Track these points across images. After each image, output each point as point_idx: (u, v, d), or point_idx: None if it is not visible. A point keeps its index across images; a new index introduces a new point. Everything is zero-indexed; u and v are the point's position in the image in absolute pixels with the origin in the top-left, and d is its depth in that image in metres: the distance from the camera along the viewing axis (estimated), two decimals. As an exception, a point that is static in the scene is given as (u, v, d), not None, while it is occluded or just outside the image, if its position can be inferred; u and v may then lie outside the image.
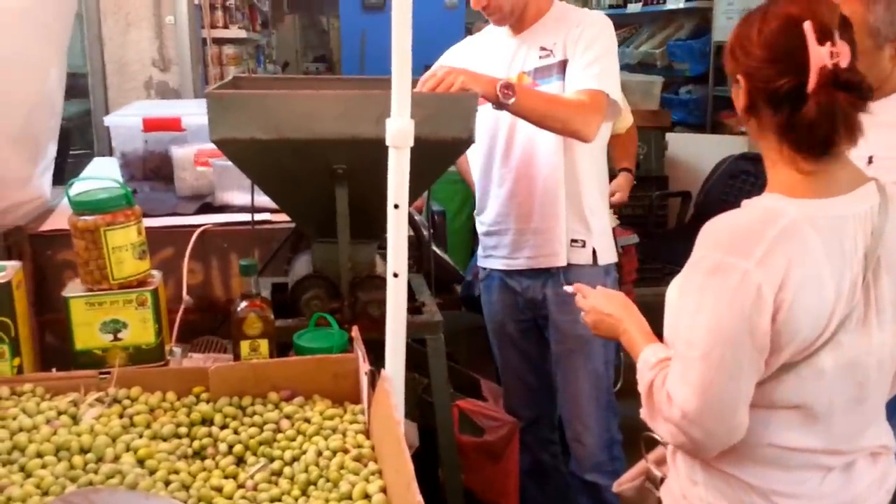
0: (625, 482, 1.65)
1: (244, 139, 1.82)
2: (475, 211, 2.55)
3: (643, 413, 1.45)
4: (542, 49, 2.30)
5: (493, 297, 2.54)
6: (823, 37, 1.29)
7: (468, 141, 1.87)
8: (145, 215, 2.57)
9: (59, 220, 2.55)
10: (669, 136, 5.94)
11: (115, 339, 1.62)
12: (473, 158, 2.50)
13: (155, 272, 1.73)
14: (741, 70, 1.37)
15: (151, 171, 2.95)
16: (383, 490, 1.34)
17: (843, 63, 1.29)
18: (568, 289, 1.77)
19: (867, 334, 1.36)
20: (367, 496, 1.34)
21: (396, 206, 1.51)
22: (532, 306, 2.44)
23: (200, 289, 2.50)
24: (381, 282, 2.07)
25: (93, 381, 1.59)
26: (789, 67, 1.30)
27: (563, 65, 2.27)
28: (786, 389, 1.35)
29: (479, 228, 2.54)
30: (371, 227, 2.08)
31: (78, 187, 1.66)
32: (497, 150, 2.38)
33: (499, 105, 2.08)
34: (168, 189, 2.85)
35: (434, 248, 2.69)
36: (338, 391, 1.63)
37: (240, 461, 1.50)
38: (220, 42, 5.03)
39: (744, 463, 1.40)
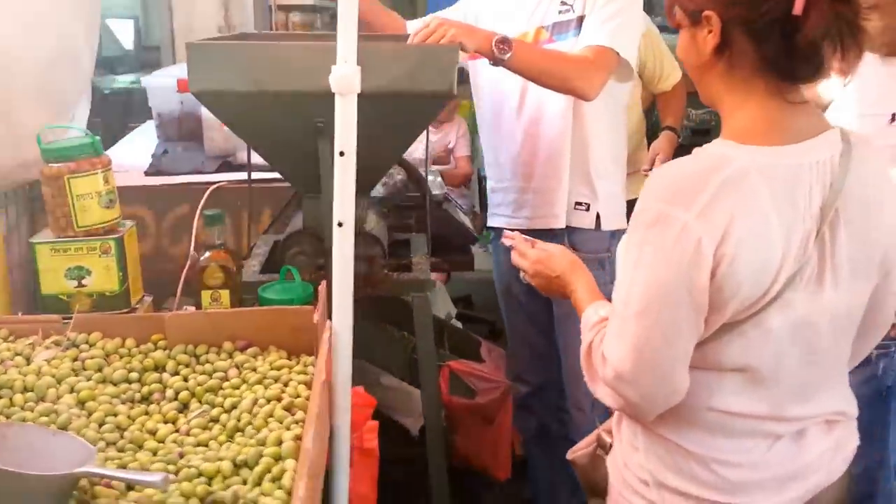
0: (578, 449, 1.58)
1: (223, 91, 1.81)
2: (484, 168, 2.49)
3: (585, 376, 1.37)
4: (563, 3, 2.22)
5: (501, 258, 2.48)
6: None
7: (448, 94, 1.81)
8: (168, 173, 2.69)
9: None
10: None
11: (80, 285, 1.66)
12: (483, 113, 2.44)
13: (127, 221, 1.75)
14: (711, 3, 1.23)
15: (187, 131, 3.00)
16: (298, 438, 1.33)
17: None
18: (506, 241, 1.70)
19: (819, 293, 1.25)
20: (280, 443, 1.32)
21: (342, 154, 1.47)
22: None
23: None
24: (368, 238, 2.06)
25: (55, 326, 1.63)
26: None
27: (580, 21, 2.18)
28: (729, 350, 1.26)
29: (487, 185, 2.49)
30: (362, 182, 2.05)
31: (50, 135, 1.70)
32: (507, 107, 2.32)
33: (495, 61, 2.01)
34: (200, 149, 2.90)
35: (448, 209, 2.66)
36: (296, 343, 1.62)
37: (184, 407, 1.51)
38: (286, 9, 5.06)
39: (684, 428, 1.31)
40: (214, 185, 2.47)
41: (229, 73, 1.79)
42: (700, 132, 5.38)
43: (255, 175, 2.46)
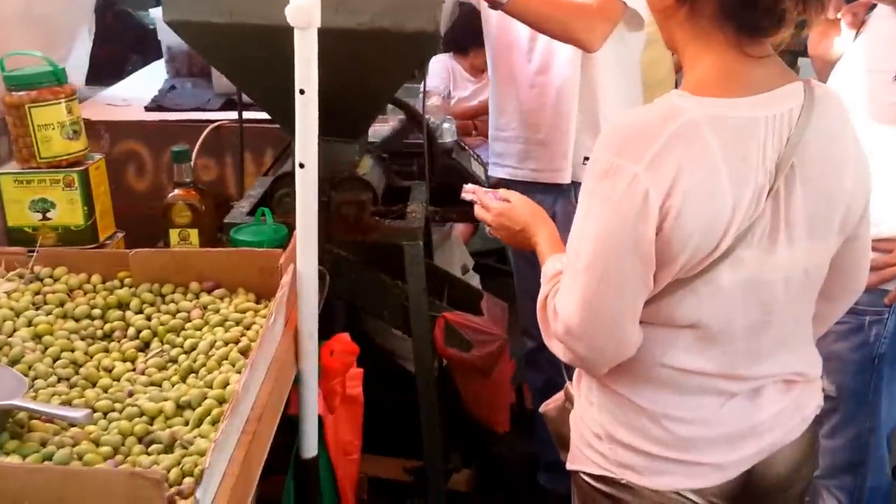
0: (550, 403, 1.53)
1: (197, 22, 1.73)
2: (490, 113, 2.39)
3: (541, 330, 1.32)
4: None
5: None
6: None
7: (434, 35, 1.71)
8: (169, 109, 2.63)
9: (88, 111, 2.58)
10: (802, 62, 5.39)
11: (45, 218, 1.61)
12: (492, 58, 2.32)
13: (97, 155, 1.70)
14: None
15: (198, 68, 2.94)
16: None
17: None
18: (466, 195, 1.62)
19: (773, 251, 1.19)
20: (225, 386, 1.28)
21: (302, 92, 1.39)
22: None
23: (214, 185, 2.48)
24: (360, 183, 1.98)
25: (19, 258, 1.59)
26: None
27: None
28: (680, 306, 1.21)
29: (490, 133, 2.39)
30: (351, 125, 1.98)
31: (12, 62, 1.64)
32: (516, 52, 2.21)
33: (492, 3, 1.90)
34: (209, 86, 2.84)
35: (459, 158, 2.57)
36: (264, 286, 1.56)
37: (146, 346, 1.48)
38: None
39: (637, 384, 1.28)
40: (214, 124, 2.42)
41: (204, 3, 1.71)
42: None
43: (257, 115, 2.39)
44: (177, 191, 1.65)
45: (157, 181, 2.52)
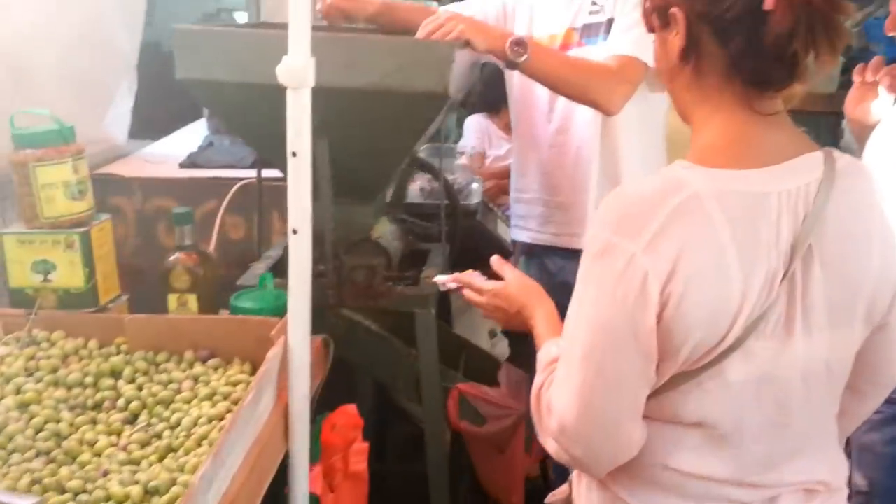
0: (556, 494, 1.42)
1: (210, 81, 1.72)
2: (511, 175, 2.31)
3: (535, 424, 1.21)
4: (594, 3, 2.03)
5: (531, 275, 2.29)
6: None
7: (443, 95, 1.66)
8: (203, 166, 2.63)
9: (123, 167, 2.61)
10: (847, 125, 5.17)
11: (46, 279, 1.59)
12: (514, 117, 2.26)
13: (104, 215, 1.68)
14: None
15: (238, 125, 2.95)
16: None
17: None
18: (441, 285, 1.56)
19: (789, 342, 1.07)
20: (195, 470, 1.22)
21: (294, 154, 1.35)
22: (565, 290, 2.17)
23: (242, 243, 2.46)
24: (373, 247, 1.93)
25: (19, 321, 1.58)
26: None
27: (610, 23, 2.00)
28: (685, 402, 1.09)
29: (511, 194, 2.31)
30: (364, 187, 1.94)
31: (22, 120, 1.63)
32: (536, 112, 2.14)
33: (508, 63, 1.85)
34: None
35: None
36: (261, 356, 1.50)
37: (134, 418, 1.44)
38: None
39: (637, 487, 1.15)
40: (242, 182, 2.40)
41: (216, 62, 1.70)
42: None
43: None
44: (177, 254, 1.61)
45: (186, 237, 2.51)
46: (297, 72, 1.32)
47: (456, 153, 3.29)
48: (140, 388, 1.48)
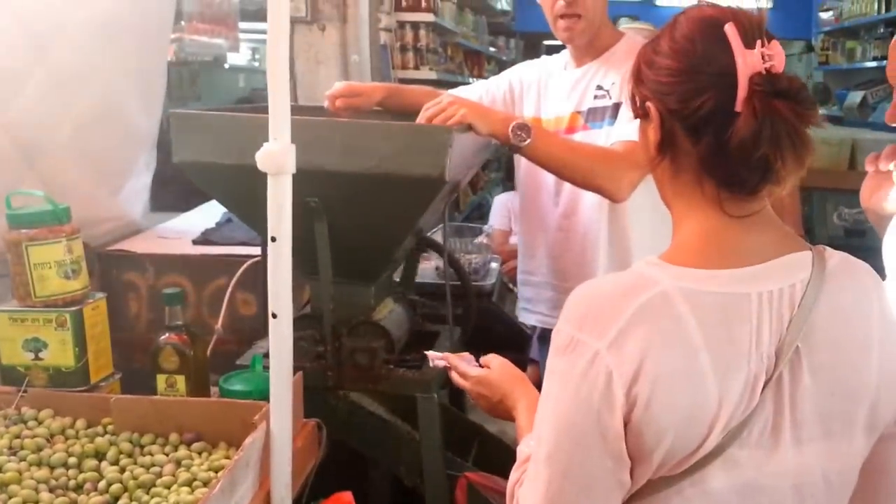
0: None
1: (207, 163, 1.75)
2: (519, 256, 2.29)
3: None
4: (599, 88, 2.04)
5: (545, 359, 2.26)
6: (750, 39, 1.01)
7: (440, 180, 1.67)
8: (216, 243, 2.67)
9: (138, 243, 2.66)
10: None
11: (37, 358, 1.61)
12: (521, 198, 2.26)
13: (99, 294, 1.70)
14: (649, 92, 1.08)
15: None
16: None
17: (779, 67, 1.01)
18: (433, 361, 1.53)
19: (776, 451, 1.02)
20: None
21: (274, 240, 1.35)
22: None
23: (252, 319, 2.47)
24: (374, 329, 1.92)
25: (9, 398, 1.59)
26: (710, 79, 1.01)
27: (616, 108, 2.00)
28: None
29: (519, 277, 2.30)
30: (366, 268, 1.94)
31: (17, 201, 1.68)
32: (543, 194, 2.14)
33: (511, 148, 1.85)
34: (264, 221, 2.88)
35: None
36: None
37: (115, 501, 1.43)
38: (406, 82, 5.08)
39: None
40: (252, 260, 2.42)
41: (213, 145, 1.74)
42: (855, 233, 4.88)
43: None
44: (167, 334, 1.62)
45: (198, 314, 2.54)
46: (277, 158, 1.34)
47: (482, 232, 3.31)
48: (123, 471, 1.48)
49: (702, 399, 0.98)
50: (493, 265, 2.76)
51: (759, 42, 1.01)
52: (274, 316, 1.37)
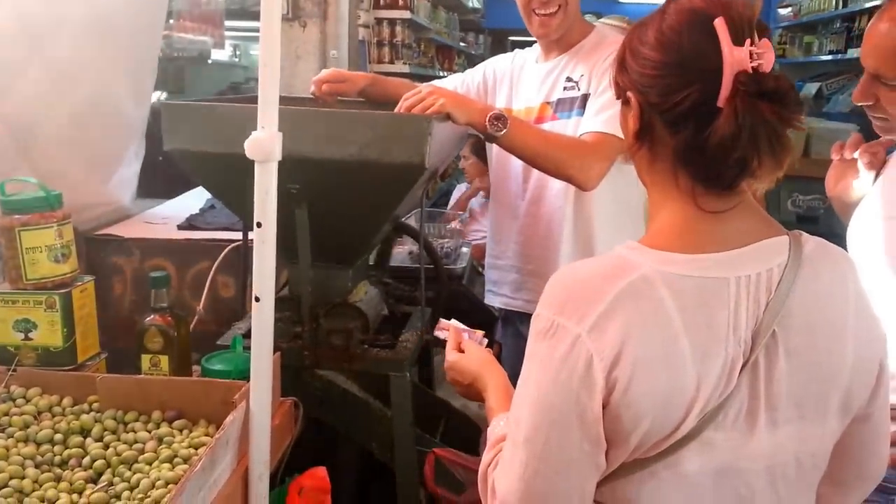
0: None
1: (196, 151, 1.72)
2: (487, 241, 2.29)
3: None
4: (568, 80, 2.03)
5: (508, 341, 2.26)
6: (739, 35, 0.97)
7: (420, 167, 1.65)
8: (200, 228, 2.64)
9: (125, 228, 2.62)
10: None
11: (26, 338, 1.58)
12: (492, 183, 2.25)
13: (87, 277, 1.67)
14: (631, 83, 1.04)
15: (240, 188, 2.96)
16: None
17: (766, 66, 0.96)
18: (439, 333, 1.50)
19: (751, 434, 0.99)
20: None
21: (259, 225, 1.33)
22: None
23: (232, 301, 2.44)
24: (350, 311, 1.90)
25: (0, 376, 1.56)
26: (695, 74, 0.97)
27: (584, 99, 1.99)
28: (639, 491, 1.01)
29: (486, 260, 2.29)
30: (344, 253, 1.92)
31: (11, 188, 1.64)
32: (512, 181, 2.13)
33: (487, 136, 1.84)
34: (248, 207, 2.84)
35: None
36: (225, 418, 1.48)
37: (98, 476, 1.41)
38: (382, 75, 5.02)
39: None
40: (234, 244, 2.39)
41: (202, 134, 1.71)
42: (807, 219, 4.90)
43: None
44: (152, 316, 1.59)
45: (181, 296, 2.51)
46: (264, 145, 1.31)
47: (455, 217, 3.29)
48: (107, 447, 1.45)
49: (680, 383, 0.96)
50: (464, 249, 2.75)
51: (748, 40, 0.96)
52: (257, 299, 1.35)
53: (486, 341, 1.47)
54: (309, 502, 1.66)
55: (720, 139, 0.94)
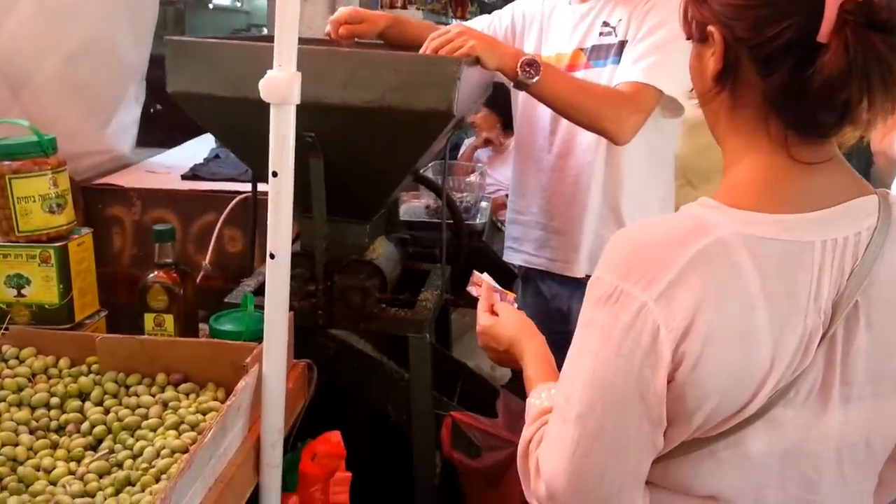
0: None
1: (202, 94, 1.58)
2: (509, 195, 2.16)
3: (522, 484, 1.05)
4: (605, 25, 1.87)
5: (528, 300, 2.15)
6: None
7: (447, 114, 1.51)
8: (205, 179, 2.51)
9: (125, 177, 2.49)
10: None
11: (19, 294, 1.46)
12: (517, 133, 2.11)
13: (84, 229, 1.55)
14: (712, 14, 0.91)
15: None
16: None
17: None
18: (472, 289, 1.38)
19: (823, 413, 0.90)
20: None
21: (275, 174, 1.21)
22: (560, 317, 2.02)
23: (240, 256, 2.33)
24: (367, 267, 1.79)
25: (-10, 336, 1.44)
26: (793, 4, 0.84)
27: (621, 46, 1.84)
28: (697, 472, 0.92)
29: (508, 215, 2.16)
30: (360, 206, 1.80)
31: (1, 131, 1.51)
32: (539, 132, 1.99)
33: (517, 83, 1.70)
34: (254, 157, 2.71)
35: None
36: (236, 382, 1.36)
37: (98, 443, 1.30)
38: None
39: None
40: (241, 196, 2.27)
41: (209, 75, 1.57)
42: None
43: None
44: (155, 272, 1.47)
45: (185, 251, 2.39)
46: (281, 88, 1.18)
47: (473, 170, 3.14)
48: (107, 412, 1.34)
49: (755, 358, 0.85)
50: (484, 204, 2.62)
51: None
52: (272, 256, 1.23)
53: (516, 305, 1.36)
54: (323, 468, 1.56)
55: (826, 79, 0.82)
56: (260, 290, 1.85)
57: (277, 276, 1.24)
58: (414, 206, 2.58)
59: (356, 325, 1.77)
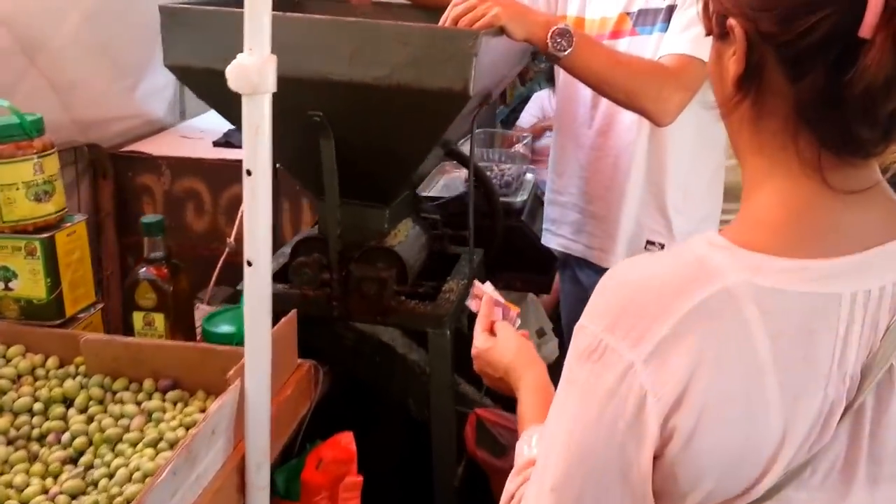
0: None
1: (200, 68, 1.44)
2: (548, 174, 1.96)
3: None
4: None
5: (566, 288, 1.98)
6: None
7: (462, 94, 1.34)
8: (237, 145, 2.39)
9: (155, 143, 2.40)
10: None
11: (7, 288, 1.37)
12: (557, 108, 1.91)
13: (78, 217, 1.44)
14: (733, 5, 0.72)
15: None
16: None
17: None
18: (471, 304, 1.23)
19: (846, 494, 0.72)
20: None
21: (249, 173, 1.07)
22: None
23: (268, 231, 2.22)
24: (386, 256, 1.64)
25: (-22, 331, 1.37)
26: None
27: (670, 11, 1.62)
28: None
29: (546, 195, 1.97)
30: (379, 189, 1.65)
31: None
32: (580, 108, 1.79)
33: (548, 56, 1.50)
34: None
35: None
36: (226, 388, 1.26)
37: (79, 456, 1.22)
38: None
39: None
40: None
41: (208, 47, 1.42)
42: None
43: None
44: (144, 267, 1.36)
45: (215, 222, 2.30)
46: (251, 75, 1.03)
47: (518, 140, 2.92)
48: (90, 420, 1.26)
49: (760, 435, 0.69)
50: (529, 176, 2.41)
51: None
52: (249, 264, 1.10)
53: (519, 321, 1.20)
54: (329, 475, 1.46)
55: (869, 84, 0.63)
56: (276, 276, 1.74)
57: (257, 287, 1.11)
58: (454, 177, 2.41)
59: (372, 318, 1.63)
